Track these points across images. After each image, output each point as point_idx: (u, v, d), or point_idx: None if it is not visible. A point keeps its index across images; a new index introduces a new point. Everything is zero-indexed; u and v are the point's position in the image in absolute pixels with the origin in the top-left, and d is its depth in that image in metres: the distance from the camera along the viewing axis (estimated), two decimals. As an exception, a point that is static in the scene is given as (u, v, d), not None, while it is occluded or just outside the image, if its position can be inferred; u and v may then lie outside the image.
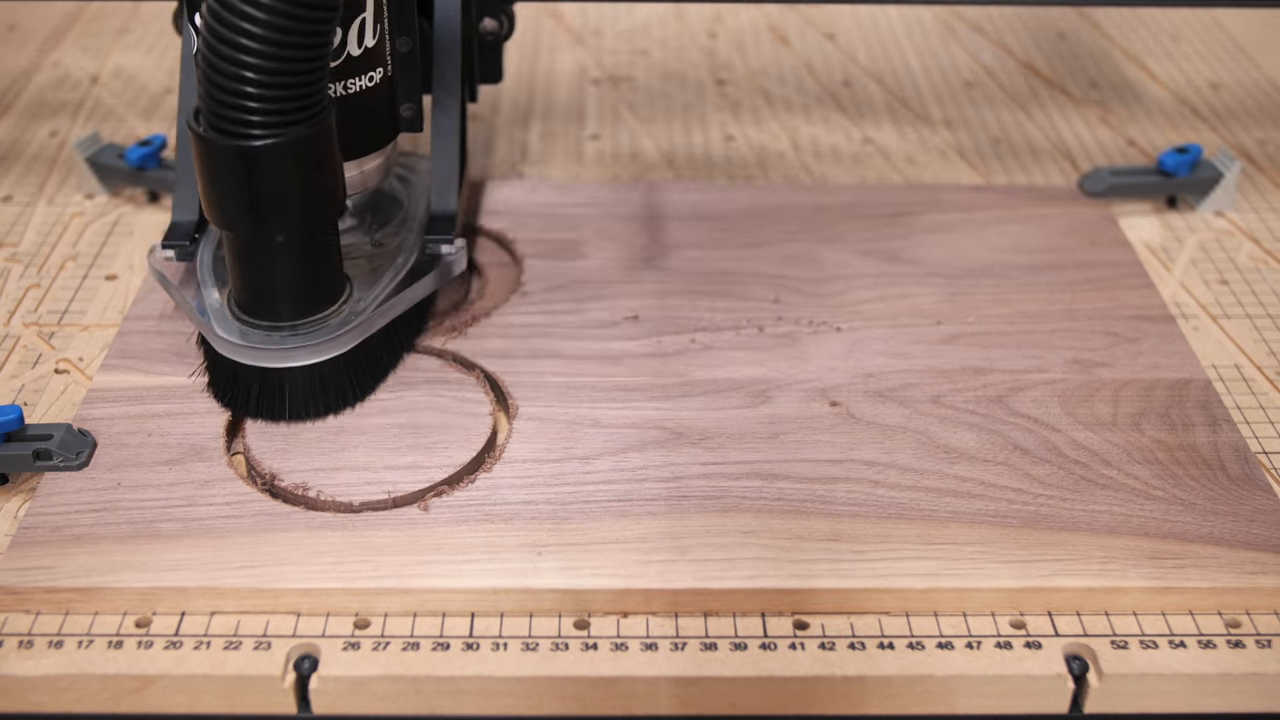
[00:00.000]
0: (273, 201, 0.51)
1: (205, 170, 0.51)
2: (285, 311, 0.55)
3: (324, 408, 0.57)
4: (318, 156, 0.52)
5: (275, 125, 0.49)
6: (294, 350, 0.55)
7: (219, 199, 0.52)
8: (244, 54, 0.47)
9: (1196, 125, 0.85)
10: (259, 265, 0.54)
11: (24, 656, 0.48)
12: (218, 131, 0.50)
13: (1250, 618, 0.50)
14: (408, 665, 0.48)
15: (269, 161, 0.50)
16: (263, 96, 0.48)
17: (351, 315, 0.56)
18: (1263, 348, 0.64)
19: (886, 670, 0.48)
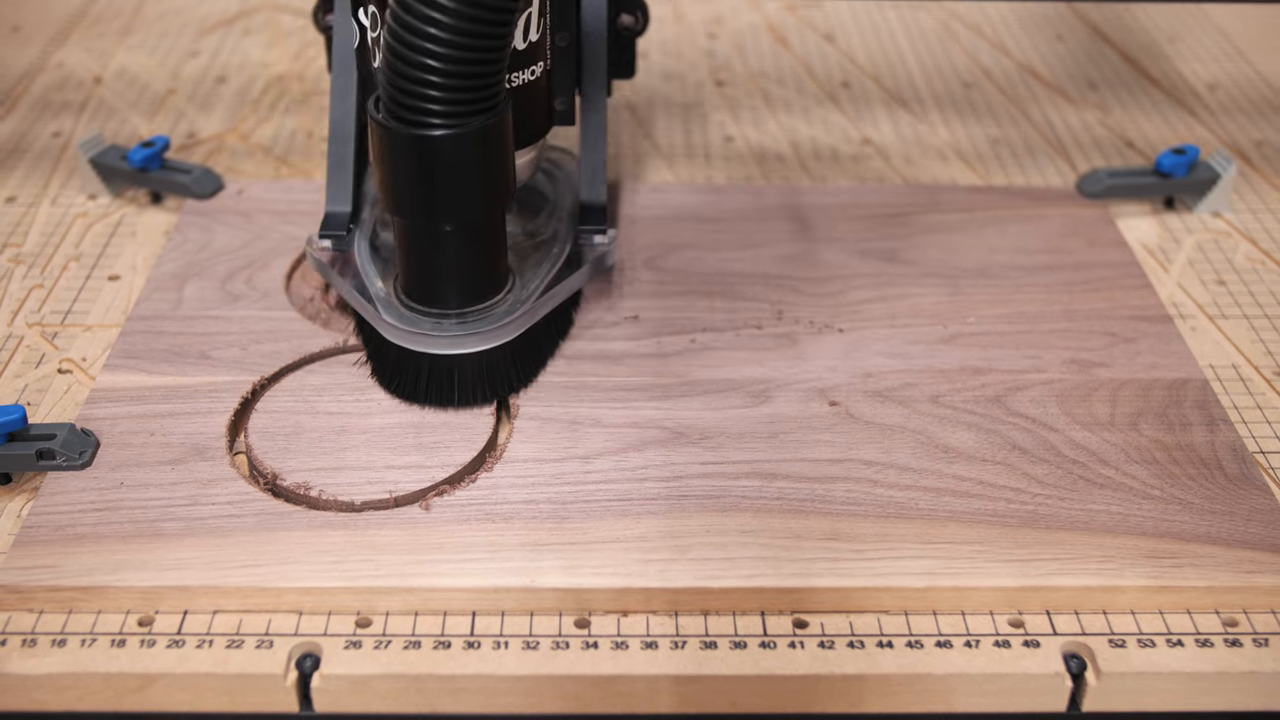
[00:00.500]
0: (450, 191, 0.52)
1: (383, 158, 0.52)
2: (454, 299, 0.56)
3: (490, 393, 0.58)
4: (494, 147, 0.52)
5: (455, 115, 0.50)
6: (464, 337, 0.56)
7: (396, 187, 0.53)
8: (430, 43, 0.48)
9: (1193, 126, 0.85)
10: (431, 253, 0.55)
11: (27, 655, 0.48)
12: (398, 120, 0.51)
13: (1247, 616, 0.50)
14: (409, 664, 0.48)
15: (448, 151, 0.51)
16: (445, 86, 0.49)
17: (516, 304, 0.57)
18: (1260, 348, 0.64)
19: (885, 669, 0.48)
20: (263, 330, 0.62)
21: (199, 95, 0.88)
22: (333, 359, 0.61)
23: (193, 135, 0.83)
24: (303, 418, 0.57)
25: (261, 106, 0.86)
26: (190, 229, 0.70)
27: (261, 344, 0.62)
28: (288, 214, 0.71)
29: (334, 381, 0.59)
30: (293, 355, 0.61)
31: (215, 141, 0.82)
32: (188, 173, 0.73)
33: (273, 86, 0.89)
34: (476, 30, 0.48)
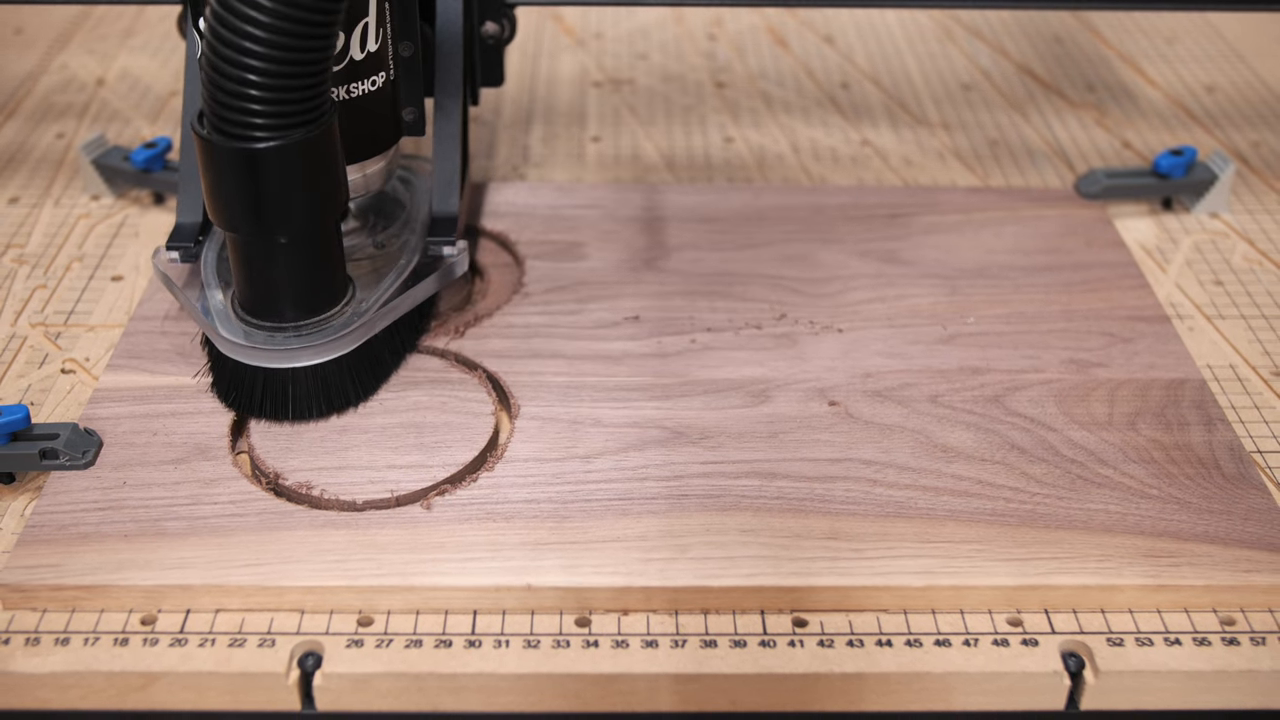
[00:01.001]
0: (275, 202, 0.51)
1: (208, 172, 0.51)
2: (288, 312, 0.55)
3: (327, 408, 0.57)
4: (319, 158, 0.52)
5: (277, 127, 0.49)
6: (297, 350, 0.55)
7: (222, 200, 0.52)
8: (247, 56, 0.47)
9: (1191, 128, 0.85)
10: (262, 266, 0.54)
11: (31, 654, 0.48)
12: (221, 134, 0.50)
13: (1245, 615, 0.50)
14: (410, 662, 0.48)
15: (271, 163, 0.50)
16: (265, 99, 0.48)
17: (354, 316, 0.56)
18: (1257, 348, 0.64)
19: (885, 667, 0.48)
20: (265, 330, 0.62)
21: (201, 97, 0.88)
22: (334, 359, 0.61)
23: (195, 136, 0.83)
24: (305, 417, 0.57)
25: (263, 108, 0.86)
26: (193, 230, 0.70)
27: (264, 344, 0.62)
28: (290, 215, 0.71)
29: (336, 381, 0.59)
30: (295, 355, 0.61)
31: (217, 143, 0.82)
32: (190, 174, 0.73)
33: (275, 88, 0.89)
34: (295, 40, 0.47)
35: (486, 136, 0.83)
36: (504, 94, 0.88)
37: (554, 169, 0.80)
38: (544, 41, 0.96)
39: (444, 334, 0.62)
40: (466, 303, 0.65)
